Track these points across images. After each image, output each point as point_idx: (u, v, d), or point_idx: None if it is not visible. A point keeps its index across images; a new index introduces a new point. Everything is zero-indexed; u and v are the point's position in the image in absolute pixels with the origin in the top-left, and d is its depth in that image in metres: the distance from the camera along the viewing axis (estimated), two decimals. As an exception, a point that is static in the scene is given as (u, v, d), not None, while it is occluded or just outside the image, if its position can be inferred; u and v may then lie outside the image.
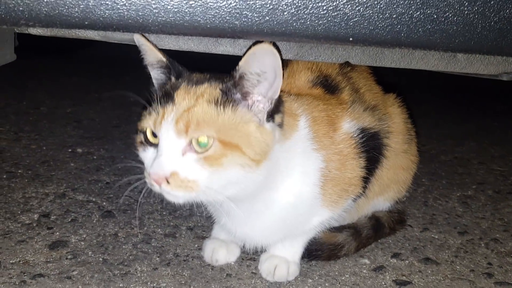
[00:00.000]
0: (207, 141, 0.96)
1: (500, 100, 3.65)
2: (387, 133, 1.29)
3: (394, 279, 1.27)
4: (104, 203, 1.59)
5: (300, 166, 1.11)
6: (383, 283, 1.25)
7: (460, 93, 3.85)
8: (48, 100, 2.81)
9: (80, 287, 1.15)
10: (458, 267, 1.35)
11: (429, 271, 1.31)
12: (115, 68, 3.75)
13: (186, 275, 1.23)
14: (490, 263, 1.37)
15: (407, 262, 1.36)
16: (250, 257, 1.32)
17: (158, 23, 0.90)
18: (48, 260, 1.25)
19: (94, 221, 1.47)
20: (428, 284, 1.25)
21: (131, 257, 1.29)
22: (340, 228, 1.36)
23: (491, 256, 1.41)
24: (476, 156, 2.35)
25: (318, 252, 1.30)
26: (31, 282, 1.15)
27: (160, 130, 0.98)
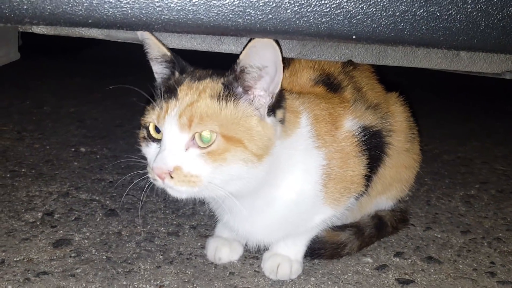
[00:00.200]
0: (210, 136, 0.96)
1: (503, 99, 3.64)
2: (389, 131, 1.29)
3: (397, 278, 1.27)
4: (108, 202, 1.59)
5: (302, 163, 1.11)
6: (386, 281, 1.25)
7: (462, 92, 3.84)
8: (51, 100, 2.82)
9: (83, 285, 1.15)
10: (461, 266, 1.34)
11: (431, 270, 1.31)
12: (118, 68, 3.76)
13: (189, 273, 1.23)
14: (493, 262, 1.37)
15: (409, 261, 1.36)
16: (253, 255, 1.32)
17: (161, 21, 0.90)
18: (52, 258, 1.25)
19: (98, 219, 1.48)
20: (430, 283, 1.25)
21: (134, 255, 1.30)
22: (343, 227, 1.36)
23: (494, 255, 1.41)
24: (479, 156, 2.35)
25: (320, 250, 1.30)
26: (35, 280, 1.15)
27: (164, 125, 0.98)
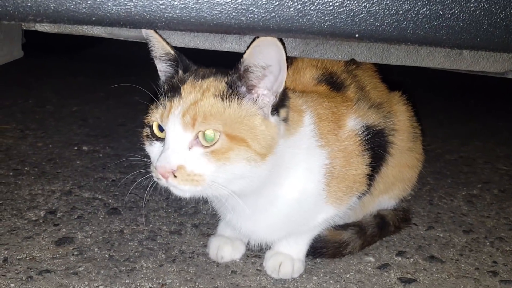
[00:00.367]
0: (214, 135, 0.96)
1: (506, 99, 3.63)
2: (392, 130, 1.29)
3: (399, 277, 1.27)
4: (110, 200, 1.59)
5: (305, 162, 1.11)
6: (388, 280, 1.25)
7: (465, 92, 3.83)
8: (54, 99, 2.83)
9: (86, 283, 1.15)
10: (463, 265, 1.34)
11: (434, 269, 1.31)
12: (121, 67, 3.77)
13: (191, 271, 1.23)
14: (495, 262, 1.37)
15: (412, 260, 1.36)
16: (255, 254, 1.32)
17: (164, 19, 0.90)
18: (55, 256, 1.26)
19: (100, 218, 1.48)
20: (433, 282, 1.25)
21: (136, 253, 1.30)
22: (345, 226, 1.36)
23: (496, 255, 1.41)
24: (481, 156, 2.35)
25: (323, 249, 1.30)
26: (37, 278, 1.16)
27: (167, 124, 0.98)
